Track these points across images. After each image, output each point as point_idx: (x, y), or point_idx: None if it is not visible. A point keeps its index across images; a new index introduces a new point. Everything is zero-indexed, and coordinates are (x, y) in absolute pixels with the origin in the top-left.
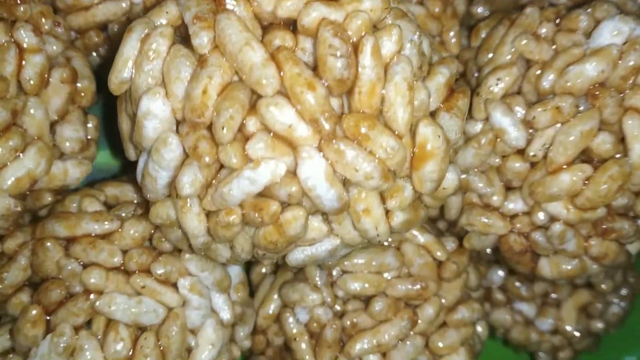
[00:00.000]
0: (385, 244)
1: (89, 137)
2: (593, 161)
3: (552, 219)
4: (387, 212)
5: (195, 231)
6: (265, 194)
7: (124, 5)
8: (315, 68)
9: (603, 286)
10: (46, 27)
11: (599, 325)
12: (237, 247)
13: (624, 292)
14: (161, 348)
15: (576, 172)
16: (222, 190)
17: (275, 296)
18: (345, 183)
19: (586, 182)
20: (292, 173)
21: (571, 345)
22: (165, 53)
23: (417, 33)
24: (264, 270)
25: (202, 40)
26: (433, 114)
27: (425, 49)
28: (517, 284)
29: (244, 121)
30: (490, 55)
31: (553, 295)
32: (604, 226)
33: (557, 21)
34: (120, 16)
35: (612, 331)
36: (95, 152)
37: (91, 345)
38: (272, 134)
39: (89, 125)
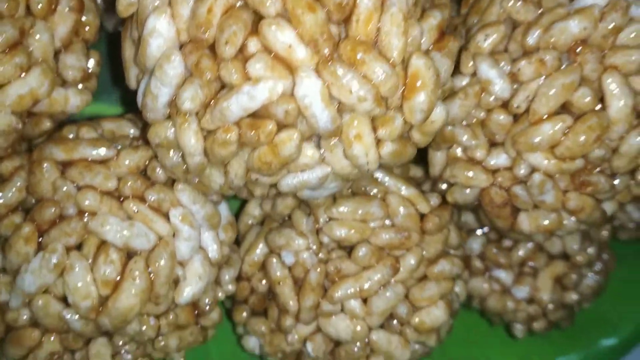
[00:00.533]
0: (373, 193)
1: (91, 70)
2: (573, 114)
3: (533, 170)
4: (378, 142)
5: (192, 149)
6: (262, 114)
7: None
8: None
9: (578, 258)
10: None
11: (573, 296)
12: (230, 172)
13: (597, 267)
14: (150, 274)
15: (557, 122)
16: (221, 105)
17: (261, 244)
18: (340, 110)
19: (566, 131)
20: (289, 94)
21: (545, 315)
22: None
23: None
24: (250, 221)
25: None
26: (426, 53)
27: None
28: (495, 250)
29: (246, 42)
30: (479, 17)
31: (530, 264)
32: (581, 179)
33: None
34: None
35: (585, 305)
36: (95, 84)
37: (81, 265)
38: (272, 54)
39: (91, 59)
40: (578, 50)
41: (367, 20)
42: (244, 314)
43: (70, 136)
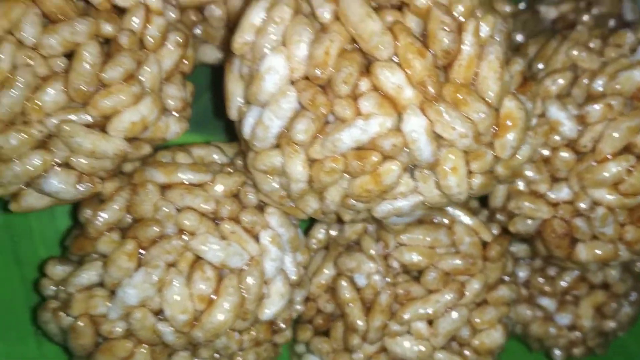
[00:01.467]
0: (445, 221)
1: (187, 101)
2: (636, 154)
3: (595, 204)
4: (469, 174)
5: (299, 176)
6: (368, 146)
7: None
8: (423, 40)
9: (618, 288)
10: None
11: (612, 324)
12: (327, 198)
13: (633, 297)
14: (242, 290)
15: (622, 161)
16: (334, 136)
17: (328, 267)
18: (438, 144)
19: (630, 170)
20: (396, 129)
21: (585, 342)
22: (288, 20)
23: (504, 25)
24: (314, 245)
25: (325, 10)
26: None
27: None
28: (541, 279)
29: (357, 81)
30: (544, 63)
31: (572, 293)
32: (639, 213)
33: (603, 38)
34: (218, 0)
35: (620, 333)
36: (190, 113)
37: (180, 281)
38: (381, 93)
39: (188, 89)
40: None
41: (469, 66)
42: (308, 333)
43: (166, 160)
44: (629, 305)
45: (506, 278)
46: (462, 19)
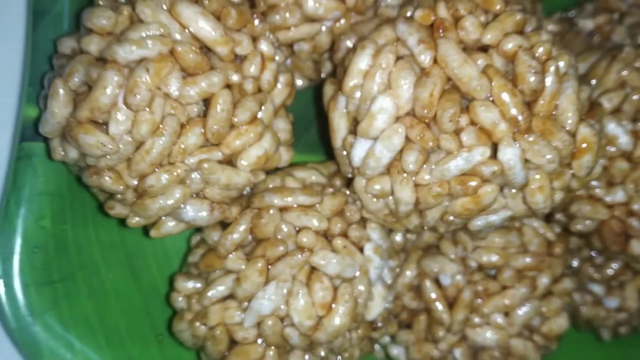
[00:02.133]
0: (517, 224)
1: (291, 131)
2: None
3: None
4: (552, 191)
5: (408, 199)
6: (469, 172)
7: (316, 28)
8: (512, 79)
9: None
10: (269, 36)
11: None
12: (428, 216)
13: None
14: (355, 296)
15: None
16: (443, 167)
17: (411, 269)
18: (528, 164)
19: None
20: (493, 157)
21: (630, 322)
22: (392, 65)
23: (574, 60)
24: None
25: (426, 57)
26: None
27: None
28: (590, 268)
29: (459, 116)
30: (595, 81)
31: (619, 279)
32: None
33: None
34: (307, 37)
35: None
36: (293, 140)
37: (304, 292)
38: (478, 126)
39: (290, 118)
40: None
41: (551, 100)
42: (394, 326)
43: (276, 185)
44: None
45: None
46: (544, 58)
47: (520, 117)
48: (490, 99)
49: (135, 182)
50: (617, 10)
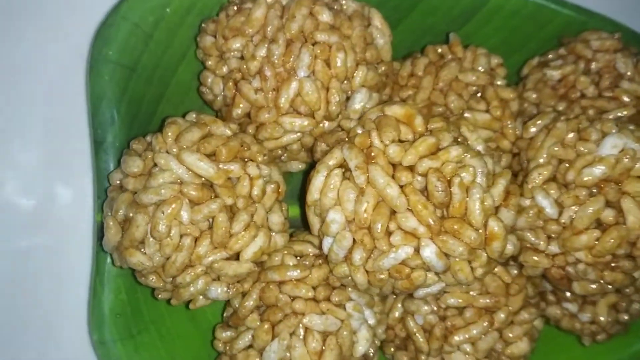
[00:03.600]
0: None
1: (285, 217)
2: (603, 226)
3: (578, 260)
4: (473, 269)
5: (361, 282)
6: (403, 263)
7: (297, 136)
8: (426, 194)
9: (627, 290)
10: (259, 159)
11: (625, 317)
12: (383, 289)
13: None
14: (339, 344)
15: (591, 234)
16: (379, 263)
17: (397, 308)
18: (448, 256)
19: (597, 240)
20: (417, 252)
21: (605, 330)
22: (339, 185)
23: (485, 165)
24: None
25: (360, 179)
26: (497, 208)
27: (490, 167)
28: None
29: (389, 224)
30: (533, 153)
31: (590, 298)
32: (612, 264)
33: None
34: (292, 142)
35: (636, 319)
36: (288, 225)
37: (300, 344)
38: (403, 231)
39: (283, 209)
40: (602, 186)
41: (460, 206)
42: (392, 349)
43: (277, 260)
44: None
45: (531, 300)
46: (449, 175)
47: (432, 223)
48: (409, 210)
49: (170, 279)
50: (584, 57)
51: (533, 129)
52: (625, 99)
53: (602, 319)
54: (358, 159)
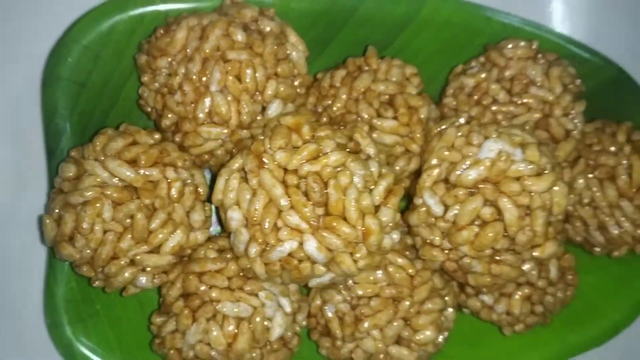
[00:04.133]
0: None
1: (207, 215)
2: (483, 222)
3: (464, 254)
4: (355, 261)
5: (260, 272)
6: (291, 254)
7: (217, 143)
8: (307, 195)
9: (540, 283)
10: (179, 164)
11: (539, 309)
12: (283, 279)
13: (560, 286)
14: (251, 328)
15: (471, 230)
16: (269, 255)
17: (317, 297)
18: (329, 250)
19: (476, 235)
20: (301, 245)
21: (521, 321)
22: (237, 187)
23: (364, 168)
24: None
25: (253, 184)
26: (378, 207)
27: (375, 170)
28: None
29: (275, 221)
30: (427, 156)
31: (504, 291)
32: (497, 258)
33: (466, 135)
34: (217, 148)
35: (556, 310)
36: (210, 224)
37: (217, 328)
38: (289, 227)
39: (206, 209)
40: (480, 185)
41: (336, 205)
42: (317, 335)
43: (201, 253)
44: (558, 291)
45: (442, 291)
46: (327, 178)
47: (312, 221)
48: (292, 208)
49: (100, 270)
50: (498, 65)
51: (436, 137)
52: (533, 104)
53: (515, 310)
54: (252, 163)
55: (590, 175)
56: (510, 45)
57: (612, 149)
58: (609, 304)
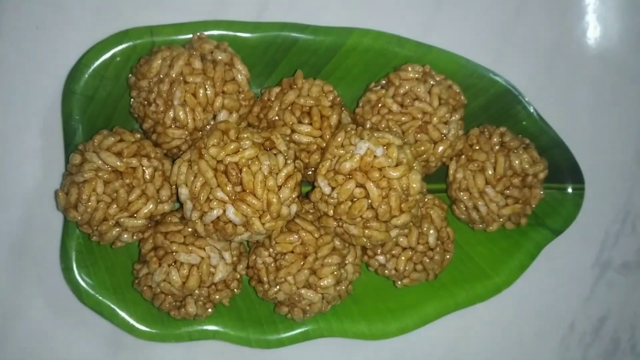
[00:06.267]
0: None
1: (172, 192)
2: (355, 199)
3: (344, 222)
4: (263, 224)
5: (201, 231)
6: (219, 218)
7: (182, 141)
8: (228, 177)
9: (420, 248)
10: (152, 155)
11: (420, 267)
12: (219, 236)
13: (438, 250)
14: (199, 272)
15: (346, 204)
16: (205, 218)
17: (253, 253)
18: (245, 216)
19: (347, 210)
20: (224, 212)
21: (406, 277)
22: (185, 171)
23: (269, 159)
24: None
25: (194, 168)
26: (280, 187)
27: (281, 160)
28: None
29: (208, 195)
30: (325, 152)
31: (392, 252)
32: (367, 225)
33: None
34: (182, 145)
35: (435, 270)
36: (175, 199)
37: (175, 272)
38: (217, 200)
39: (172, 187)
40: (352, 171)
41: (248, 184)
42: (254, 282)
43: (167, 220)
44: (436, 255)
45: (344, 251)
46: (244, 162)
47: (232, 195)
48: (219, 187)
49: (95, 228)
50: (394, 84)
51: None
52: (417, 114)
53: (400, 267)
54: (195, 155)
55: (468, 168)
56: (406, 69)
57: (486, 148)
58: (493, 269)
